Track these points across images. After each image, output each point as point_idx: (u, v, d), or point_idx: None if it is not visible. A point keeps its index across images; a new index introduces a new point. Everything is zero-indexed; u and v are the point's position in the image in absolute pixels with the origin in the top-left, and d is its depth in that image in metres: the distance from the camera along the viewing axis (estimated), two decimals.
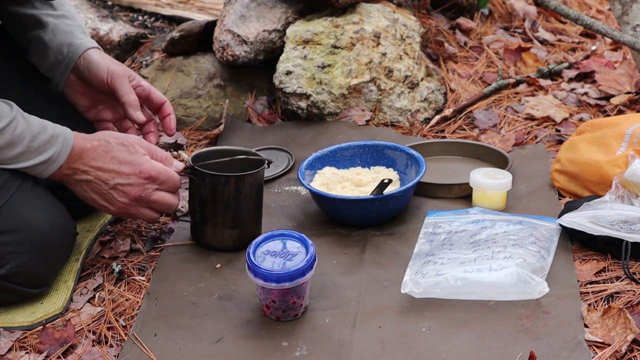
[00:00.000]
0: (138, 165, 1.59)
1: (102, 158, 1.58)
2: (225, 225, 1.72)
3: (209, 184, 1.69)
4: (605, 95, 2.37)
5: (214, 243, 1.75)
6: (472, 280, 1.52)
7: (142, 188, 1.60)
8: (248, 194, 1.71)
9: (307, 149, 2.14)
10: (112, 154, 1.58)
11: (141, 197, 1.61)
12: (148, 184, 1.60)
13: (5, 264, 1.52)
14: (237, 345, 1.48)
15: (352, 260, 1.71)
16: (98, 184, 1.59)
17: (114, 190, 1.60)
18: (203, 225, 1.74)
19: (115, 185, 1.59)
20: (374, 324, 1.49)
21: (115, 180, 1.59)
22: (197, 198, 1.72)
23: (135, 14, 2.88)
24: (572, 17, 2.24)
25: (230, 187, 1.69)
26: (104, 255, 1.77)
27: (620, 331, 1.41)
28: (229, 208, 1.71)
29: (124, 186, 1.59)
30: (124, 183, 1.59)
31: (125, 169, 1.58)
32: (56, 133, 1.55)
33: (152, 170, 1.60)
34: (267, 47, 2.36)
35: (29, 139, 1.51)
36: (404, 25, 2.41)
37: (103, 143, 1.59)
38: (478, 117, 2.32)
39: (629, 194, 1.70)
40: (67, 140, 1.55)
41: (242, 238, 1.72)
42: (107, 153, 1.58)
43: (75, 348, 1.50)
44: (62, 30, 1.78)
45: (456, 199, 1.92)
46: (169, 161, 1.65)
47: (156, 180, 1.61)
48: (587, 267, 1.62)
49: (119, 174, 1.58)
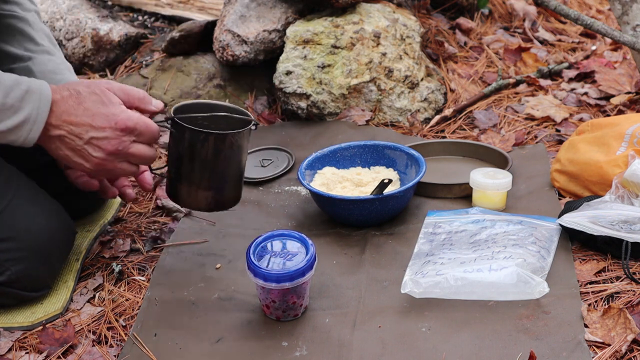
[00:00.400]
0: (113, 116, 1.46)
1: (75, 110, 1.46)
2: (201, 185, 1.59)
3: (187, 138, 1.54)
4: (605, 95, 2.37)
5: (187, 202, 1.62)
6: (472, 280, 1.52)
7: (118, 141, 1.47)
8: (228, 155, 1.57)
9: (307, 149, 2.14)
10: (84, 105, 1.46)
11: (118, 150, 1.48)
12: (125, 136, 1.47)
13: (4, 270, 1.52)
14: (237, 345, 1.48)
15: (352, 260, 1.71)
16: (71, 139, 1.47)
17: (88, 145, 1.47)
18: (178, 182, 1.60)
19: (89, 139, 1.47)
20: (374, 324, 1.49)
21: (90, 134, 1.46)
22: (174, 152, 1.58)
23: (135, 14, 2.88)
24: (572, 17, 2.24)
25: (209, 144, 1.54)
26: (104, 255, 1.77)
27: (620, 331, 1.41)
28: (206, 167, 1.57)
29: (99, 140, 1.47)
30: (99, 137, 1.46)
31: (100, 121, 1.45)
32: (32, 88, 1.43)
33: (129, 121, 1.47)
34: (267, 47, 2.36)
35: (2, 95, 1.40)
36: (404, 25, 2.41)
37: (74, 93, 1.47)
38: (478, 117, 2.32)
39: (629, 194, 1.70)
40: (45, 94, 1.44)
41: (217, 201, 1.61)
42: (79, 105, 1.46)
43: (75, 348, 1.50)
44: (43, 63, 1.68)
45: (456, 199, 1.92)
46: (146, 100, 1.53)
47: (133, 132, 1.48)
48: (587, 267, 1.62)
49: (93, 128, 1.46)
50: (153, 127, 1.50)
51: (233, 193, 1.63)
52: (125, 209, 1.95)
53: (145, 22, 2.84)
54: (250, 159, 2.14)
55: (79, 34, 2.65)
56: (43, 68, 1.67)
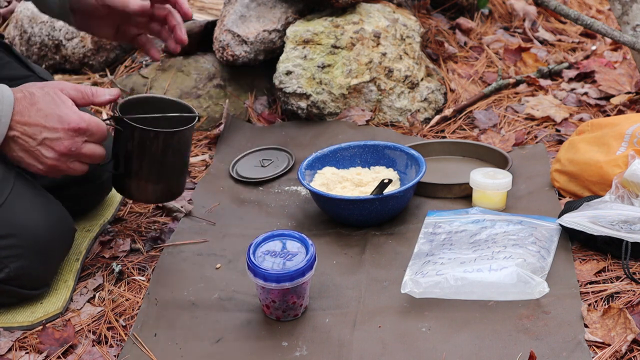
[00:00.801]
0: (66, 117, 1.48)
1: (28, 111, 1.47)
2: (150, 179, 1.64)
3: (137, 137, 1.59)
4: (605, 95, 2.37)
5: (136, 195, 1.68)
6: (472, 280, 1.52)
7: (71, 142, 1.49)
8: (176, 149, 1.63)
9: (307, 149, 2.14)
10: (37, 106, 1.47)
11: (71, 151, 1.50)
12: (77, 136, 1.49)
13: (3, 267, 1.51)
14: (237, 345, 1.48)
15: (352, 260, 1.71)
16: (24, 140, 1.48)
17: (41, 146, 1.49)
18: (126, 178, 1.65)
19: (42, 140, 1.48)
20: (374, 324, 1.49)
21: (43, 134, 1.48)
22: (122, 150, 1.62)
23: None
24: (572, 17, 2.24)
25: (159, 142, 1.59)
26: (104, 255, 1.77)
27: (620, 331, 1.41)
28: (155, 163, 1.62)
29: (52, 141, 1.48)
30: (52, 137, 1.48)
31: (53, 122, 1.47)
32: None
33: (81, 122, 1.48)
34: (267, 47, 2.36)
35: None
36: (404, 25, 2.41)
37: (27, 95, 1.48)
38: (478, 117, 2.32)
39: (629, 194, 1.70)
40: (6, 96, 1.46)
41: (165, 193, 1.68)
42: (32, 105, 1.47)
43: (75, 348, 1.50)
44: None
45: (456, 199, 1.92)
46: (99, 94, 1.54)
47: (85, 133, 1.50)
48: (587, 267, 1.62)
49: (46, 128, 1.47)
50: (103, 126, 1.53)
51: (179, 184, 1.70)
52: (125, 208, 1.95)
53: None
54: (250, 159, 2.15)
55: (79, 34, 2.65)
56: None
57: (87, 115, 1.51)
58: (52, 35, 2.67)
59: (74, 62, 2.68)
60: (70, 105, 1.50)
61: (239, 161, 2.14)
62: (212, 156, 2.21)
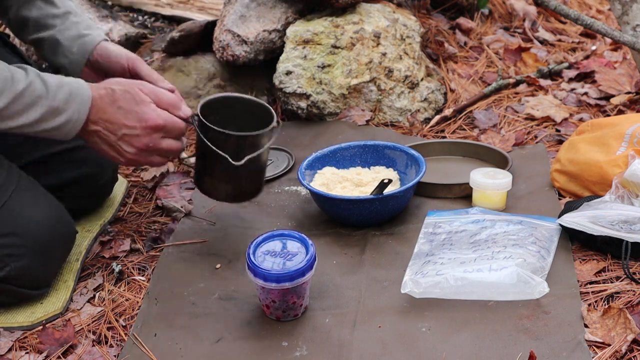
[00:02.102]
0: (144, 114, 1.55)
1: (110, 108, 1.54)
2: (222, 179, 1.70)
3: (211, 137, 1.66)
4: (605, 95, 2.37)
5: (210, 192, 1.74)
6: (472, 280, 1.52)
7: (149, 138, 1.57)
8: (248, 153, 1.66)
9: (307, 149, 2.14)
10: (118, 104, 1.55)
11: (149, 147, 1.58)
12: (154, 133, 1.57)
13: (4, 266, 1.52)
14: (237, 345, 1.48)
15: (352, 260, 1.71)
16: (106, 135, 1.56)
17: (121, 141, 1.56)
18: (203, 174, 1.73)
19: (122, 136, 1.56)
20: (374, 324, 1.49)
21: (122, 131, 1.55)
22: (200, 147, 1.70)
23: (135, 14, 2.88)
24: (572, 17, 2.24)
25: (230, 144, 1.65)
26: (104, 255, 1.77)
27: (620, 331, 1.41)
28: (228, 164, 1.66)
29: (131, 137, 1.56)
30: (131, 134, 1.56)
31: (132, 120, 1.55)
32: (74, 90, 1.51)
33: (159, 119, 1.56)
34: (267, 47, 2.36)
35: (50, 99, 1.48)
36: (404, 25, 2.41)
37: (109, 92, 1.55)
38: (478, 117, 2.32)
39: (629, 194, 1.70)
40: (85, 96, 1.52)
41: (237, 194, 1.73)
42: (113, 103, 1.55)
43: (75, 348, 1.50)
44: (67, 28, 1.77)
45: (456, 199, 1.91)
46: (176, 106, 1.62)
47: (162, 130, 1.58)
48: (587, 267, 1.62)
49: (125, 126, 1.55)
50: (180, 123, 1.60)
51: (252, 187, 1.73)
52: (125, 208, 1.95)
53: (145, 22, 2.84)
54: None
55: None
56: (68, 35, 1.76)
57: (165, 114, 1.58)
58: None
59: None
60: (148, 103, 1.56)
61: None
62: None
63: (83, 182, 1.79)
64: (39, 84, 1.48)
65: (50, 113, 1.49)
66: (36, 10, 1.78)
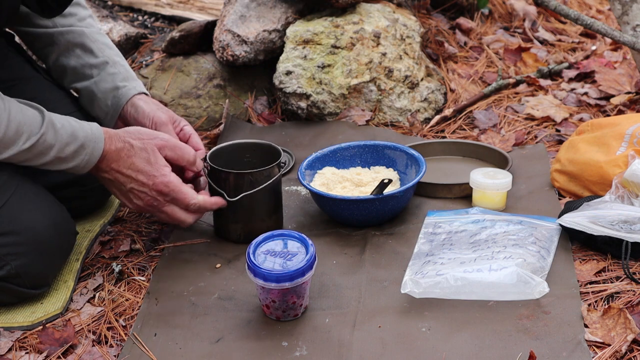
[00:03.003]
0: (153, 177, 1.62)
1: (123, 162, 1.61)
2: (229, 218, 1.76)
3: (213, 177, 1.74)
4: (605, 95, 2.37)
5: (222, 234, 1.80)
6: (472, 280, 1.52)
7: (153, 199, 1.64)
8: (247, 191, 1.72)
9: (307, 149, 2.14)
10: (132, 160, 1.61)
11: (153, 205, 1.65)
12: (159, 196, 1.64)
13: (4, 265, 1.52)
14: (237, 345, 1.48)
15: (352, 260, 1.71)
16: (117, 184, 1.64)
17: (130, 193, 1.64)
18: (215, 216, 1.80)
19: (130, 189, 1.64)
20: (374, 324, 1.49)
21: (131, 185, 1.63)
22: (209, 189, 1.77)
23: (135, 14, 2.88)
24: (572, 17, 2.24)
25: (229, 182, 1.71)
26: (104, 255, 1.77)
27: (620, 331, 1.41)
28: (231, 203, 1.72)
29: (139, 192, 1.64)
30: (138, 190, 1.63)
31: (141, 177, 1.62)
32: (85, 143, 1.57)
33: (164, 187, 1.63)
34: (267, 47, 2.36)
35: (58, 150, 1.54)
36: (404, 25, 2.41)
37: (127, 146, 1.61)
38: (478, 117, 2.32)
39: (629, 194, 1.70)
40: (96, 148, 1.58)
41: (247, 233, 1.75)
42: (128, 158, 1.61)
43: (75, 348, 1.50)
44: (103, 80, 1.81)
45: (456, 199, 1.92)
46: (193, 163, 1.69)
47: (167, 196, 1.64)
48: (587, 267, 1.62)
49: (134, 181, 1.62)
50: (187, 197, 1.66)
51: (262, 225, 1.75)
52: (125, 208, 1.95)
53: (145, 22, 2.84)
54: None
55: None
56: (103, 87, 1.80)
57: (174, 182, 1.64)
58: None
59: None
60: (162, 165, 1.63)
61: None
62: None
63: (83, 183, 1.79)
64: (50, 135, 1.53)
65: (57, 161, 1.56)
66: (74, 59, 1.81)
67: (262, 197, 1.75)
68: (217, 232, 1.81)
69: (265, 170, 1.73)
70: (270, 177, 1.74)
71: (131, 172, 1.62)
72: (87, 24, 1.82)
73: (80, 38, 1.79)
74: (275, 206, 1.80)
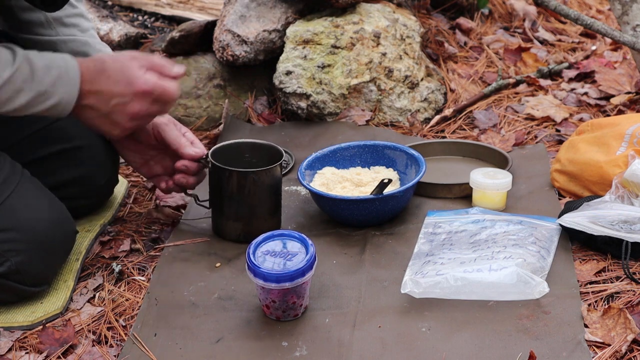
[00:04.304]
0: (132, 79, 1.54)
1: (99, 79, 1.54)
2: (230, 217, 1.77)
3: (215, 175, 1.75)
4: (605, 95, 2.37)
5: (221, 233, 1.80)
6: (472, 280, 1.52)
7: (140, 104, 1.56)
8: (252, 190, 1.73)
9: (307, 149, 2.14)
10: (107, 74, 1.54)
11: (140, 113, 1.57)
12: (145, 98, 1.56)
13: (5, 261, 1.52)
14: (237, 345, 1.48)
15: (352, 260, 1.71)
16: (98, 107, 1.55)
17: (113, 112, 1.56)
18: (214, 215, 1.80)
19: (113, 105, 1.55)
20: (374, 324, 1.49)
21: (114, 100, 1.55)
22: (210, 187, 1.78)
23: (135, 14, 2.88)
24: (572, 17, 2.24)
25: (233, 181, 1.73)
26: (104, 255, 1.77)
27: (620, 331, 1.41)
28: (232, 201, 1.75)
29: (123, 105, 1.55)
30: (122, 102, 1.55)
31: (120, 87, 1.54)
32: (62, 70, 1.50)
33: (145, 85, 1.55)
34: (267, 47, 2.36)
35: (37, 83, 1.48)
36: (404, 25, 2.41)
37: (99, 64, 1.55)
38: (478, 117, 2.32)
39: (629, 194, 1.70)
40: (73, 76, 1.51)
41: (247, 232, 1.74)
42: (101, 73, 1.54)
43: (75, 348, 1.50)
44: None
45: (456, 199, 1.92)
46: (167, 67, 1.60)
47: (152, 95, 1.56)
48: (587, 267, 1.62)
49: (116, 94, 1.54)
50: (170, 89, 1.58)
51: (264, 226, 1.75)
52: (125, 209, 1.95)
53: (145, 22, 2.84)
54: None
55: None
56: None
57: (153, 79, 1.55)
58: None
59: None
60: (136, 69, 1.55)
61: None
62: None
63: (83, 182, 1.79)
64: (25, 68, 1.48)
65: (38, 97, 1.49)
66: None
67: (265, 196, 1.76)
68: (216, 230, 1.81)
69: (269, 169, 1.73)
70: (273, 176, 1.75)
71: (109, 86, 1.54)
72: (90, 35, 1.81)
73: (83, 47, 1.78)
74: (276, 206, 1.81)
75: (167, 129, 1.75)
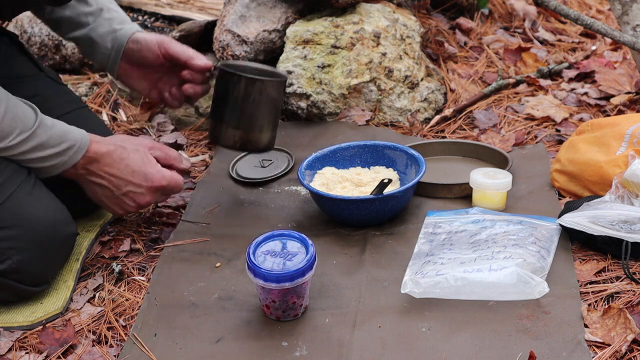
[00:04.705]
0: (150, 175, 1.67)
1: (117, 165, 1.65)
2: (230, 124, 1.79)
3: (223, 80, 1.78)
4: (605, 95, 2.37)
5: (218, 138, 1.82)
6: (472, 280, 1.52)
7: (152, 196, 1.70)
8: (257, 99, 1.77)
9: (307, 149, 2.14)
10: (126, 162, 1.65)
11: (149, 203, 1.71)
12: (157, 192, 1.70)
13: (5, 259, 1.53)
14: (237, 345, 1.48)
15: (352, 260, 1.71)
16: (111, 189, 1.66)
17: (124, 197, 1.68)
18: (213, 119, 1.82)
19: (126, 192, 1.67)
20: (374, 324, 1.49)
21: (128, 188, 1.67)
22: (214, 94, 1.81)
23: (135, 14, 2.88)
24: (572, 17, 2.24)
25: (240, 87, 1.76)
26: (104, 255, 1.77)
27: (620, 331, 1.41)
28: (235, 108, 1.77)
29: (135, 194, 1.68)
30: (136, 192, 1.68)
31: (138, 179, 1.67)
32: (70, 145, 1.59)
33: (163, 181, 1.69)
34: (267, 47, 2.36)
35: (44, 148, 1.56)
36: (404, 25, 2.41)
37: (119, 149, 1.65)
38: (478, 117, 2.32)
39: (629, 194, 1.70)
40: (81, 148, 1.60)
41: (244, 141, 1.79)
42: (122, 160, 1.65)
43: (75, 348, 1.50)
44: (100, 25, 1.83)
45: (456, 199, 1.91)
46: (179, 160, 1.75)
47: (165, 189, 1.71)
48: (587, 267, 1.62)
49: (131, 183, 1.67)
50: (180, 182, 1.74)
51: (261, 137, 1.81)
52: None
53: (145, 22, 2.84)
54: (250, 159, 2.14)
55: None
56: (101, 32, 1.84)
57: (168, 174, 1.71)
58: (52, 35, 2.67)
59: (74, 62, 2.68)
60: (154, 164, 1.69)
61: (238, 161, 2.14)
62: (212, 156, 2.21)
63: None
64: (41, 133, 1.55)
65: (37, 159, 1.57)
66: (69, 9, 1.83)
67: (267, 108, 1.79)
68: (213, 138, 1.84)
69: (275, 81, 1.78)
70: (278, 91, 1.79)
71: (127, 175, 1.65)
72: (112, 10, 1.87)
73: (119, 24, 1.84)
74: (275, 122, 1.84)
75: (173, 44, 1.81)
